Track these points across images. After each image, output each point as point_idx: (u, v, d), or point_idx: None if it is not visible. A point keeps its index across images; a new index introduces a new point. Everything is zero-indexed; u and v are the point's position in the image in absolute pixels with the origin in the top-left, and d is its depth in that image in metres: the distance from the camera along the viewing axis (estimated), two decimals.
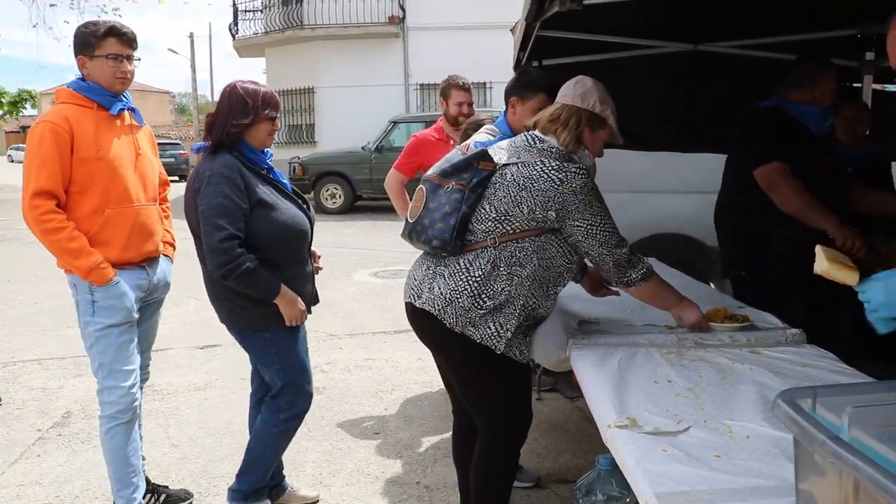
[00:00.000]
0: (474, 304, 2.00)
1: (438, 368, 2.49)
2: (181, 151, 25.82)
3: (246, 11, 20.55)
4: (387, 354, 4.99)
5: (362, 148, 14.19)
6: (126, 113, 2.63)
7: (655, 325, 2.33)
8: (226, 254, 2.33)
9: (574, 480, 2.53)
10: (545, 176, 2.00)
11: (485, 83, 17.04)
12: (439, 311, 2.03)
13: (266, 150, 2.56)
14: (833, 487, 0.95)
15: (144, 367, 2.81)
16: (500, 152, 2.12)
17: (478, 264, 2.01)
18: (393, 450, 3.43)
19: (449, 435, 3.53)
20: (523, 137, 2.15)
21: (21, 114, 34.75)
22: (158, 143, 2.95)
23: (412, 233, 2.12)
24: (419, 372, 4.53)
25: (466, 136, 2.89)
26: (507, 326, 2.00)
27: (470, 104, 3.65)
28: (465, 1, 16.92)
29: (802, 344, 2.19)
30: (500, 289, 1.99)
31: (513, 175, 2.04)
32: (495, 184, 2.05)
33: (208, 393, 4.25)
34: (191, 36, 29.63)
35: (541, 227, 2.02)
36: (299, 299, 2.52)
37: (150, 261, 2.69)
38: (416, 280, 2.16)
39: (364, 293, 7.04)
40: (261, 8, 20.09)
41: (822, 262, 1.73)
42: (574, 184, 2.00)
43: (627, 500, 1.95)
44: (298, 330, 2.60)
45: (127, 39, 2.54)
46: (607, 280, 2.22)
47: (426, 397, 4.13)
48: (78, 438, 3.59)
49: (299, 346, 2.61)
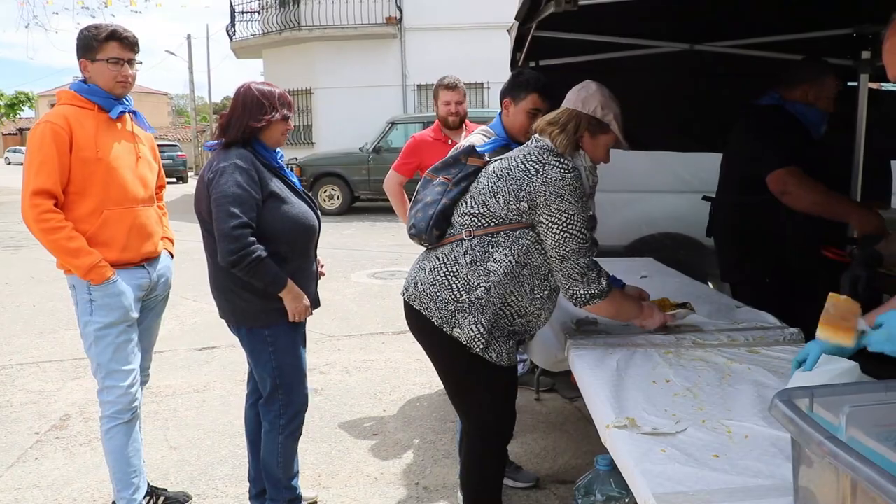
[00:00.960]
0: (451, 297, 2.01)
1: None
2: (179, 153, 25.81)
3: (243, 13, 20.57)
4: (385, 355, 4.98)
5: (360, 149, 14.18)
6: (127, 116, 2.64)
7: None
8: (237, 241, 2.33)
9: (573, 481, 2.54)
10: (522, 166, 2.01)
11: (482, 84, 17.07)
12: (426, 307, 2.07)
13: (277, 149, 2.58)
14: (831, 487, 0.95)
15: (145, 369, 2.81)
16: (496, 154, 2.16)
17: (453, 258, 2.04)
18: (392, 451, 3.42)
19: (448, 436, 3.54)
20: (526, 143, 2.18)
21: (18, 116, 34.70)
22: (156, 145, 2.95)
23: (408, 228, 2.21)
24: (418, 373, 4.53)
25: None
26: (486, 325, 2.00)
27: (459, 103, 3.64)
28: (462, 1, 16.94)
29: (800, 343, 2.19)
30: (475, 283, 2.00)
31: (494, 168, 2.09)
32: (479, 178, 2.11)
33: (207, 395, 4.24)
34: (188, 38, 29.56)
35: (516, 222, 2.01)
36: (304, 295, 2.53)
37: (150, 260, 2.69)
38: (409, 275, 2.22)
39: (362, 294, 7.04)
40: (258, 9, 20.10)
41: (824, 320, 1.52)
42: (549, 175, 1.96)
43: (626, 500, 1.95)
44: (298, 330, 2.60)
45: (128, 43, 2.54)
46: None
47: (425, 398, 4.13)
48: (76, 441, 3.59)
49: (297, 347, 2.61)
